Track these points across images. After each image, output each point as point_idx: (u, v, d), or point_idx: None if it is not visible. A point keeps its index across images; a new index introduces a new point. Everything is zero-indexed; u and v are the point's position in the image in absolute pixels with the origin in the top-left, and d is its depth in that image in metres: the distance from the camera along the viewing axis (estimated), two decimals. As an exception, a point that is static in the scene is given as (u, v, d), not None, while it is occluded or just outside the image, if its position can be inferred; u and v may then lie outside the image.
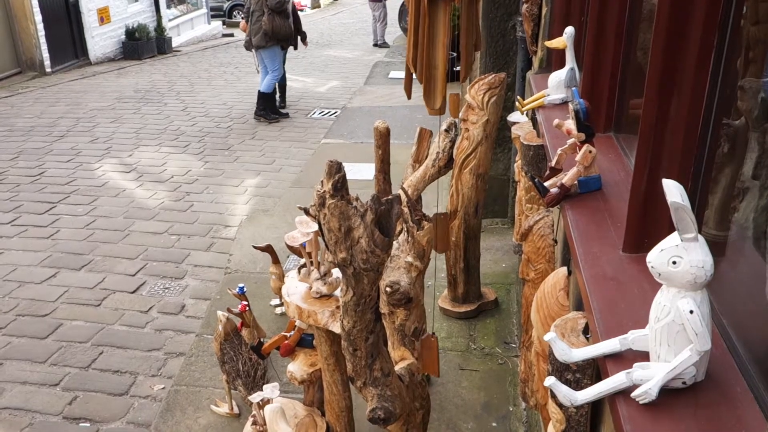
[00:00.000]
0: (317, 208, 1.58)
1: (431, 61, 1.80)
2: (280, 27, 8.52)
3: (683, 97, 1.67)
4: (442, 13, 1.71)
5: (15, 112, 10.03)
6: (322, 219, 1.59)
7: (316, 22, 22.12)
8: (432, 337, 2.20)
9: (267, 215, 6.09)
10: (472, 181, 3.82)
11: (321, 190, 1.58)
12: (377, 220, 1.54)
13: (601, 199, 2.15)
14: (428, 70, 1.82)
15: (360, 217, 1.54)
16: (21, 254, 5.39)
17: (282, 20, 8.55)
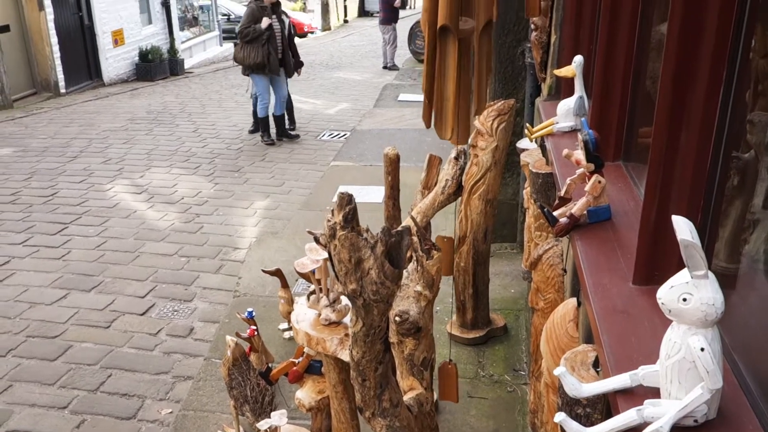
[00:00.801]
0: (327, 239, 1.59)
1: (443, 92, 1.81)
2: (246, 56, 8.55)
3: (692, 129, 1.68)
4: (452, 47, 1.73)
5: (29, 132, 10.15)
6: (332, 250, 1.60)
7: (326, 44, 22.33)
8: (450, 364, 2.20)
9: (276, 238, 6.11)
10: (481, 206, 3.82)
11: (331, 221, 1.59)
12: (387, 252, 1.55)
13: (611, 229, 2.15)
14: (440, 101, 1.84)
15: (370, 249, 1.55)
16: (32, 275, 5.42)
17: (251, 49, 8.52)
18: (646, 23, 2.60)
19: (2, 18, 12.25)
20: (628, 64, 2.67)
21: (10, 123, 10.84)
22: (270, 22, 8.46)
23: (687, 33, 1.63)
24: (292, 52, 8.99)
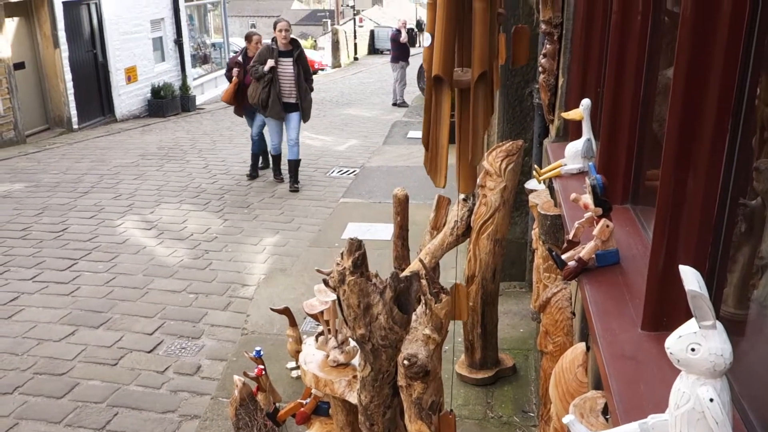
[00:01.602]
0: (337, 284, 1.61)
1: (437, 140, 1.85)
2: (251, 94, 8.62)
3: (699, 177, 1.69)
4: (446, 96, 1.77)
5: (42, 167, 10.27)
6: (341, 295, 1.61)
7: (336, 82, 22.62)
8: (450, 414, 2.19)
9: (285, 275, 6.12)
10: (489, 246, 3.83)
11: (341, 266, 1.61)
12: (396, 298, 1.56)
13: (619, 273, 2.16)
14: (435, 149, 1.87)
15: (379, 294, 1.56)
16: (41, 311, 5.44)
17: (255, 88, 8.51)
18: (653, 67, 2.64)
19: (18, 55, 12.50)
20: (635, 108, 2.70)
21: (23, 158, 10.98)
22: (272, 65, 8.35)
23: (693, 81, 1.66)
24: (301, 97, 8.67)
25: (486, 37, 1.69)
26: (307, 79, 8.71)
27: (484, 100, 1.78)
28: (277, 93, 8.47)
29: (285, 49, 8.46)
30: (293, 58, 8.47)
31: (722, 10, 1.60)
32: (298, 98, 8.56)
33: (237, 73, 9.05)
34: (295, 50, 8.52)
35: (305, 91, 8.66)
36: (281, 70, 8.47)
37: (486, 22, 1.68)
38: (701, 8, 1.62)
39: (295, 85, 8.52)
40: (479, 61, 1.72)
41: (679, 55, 1.66)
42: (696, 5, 1.63)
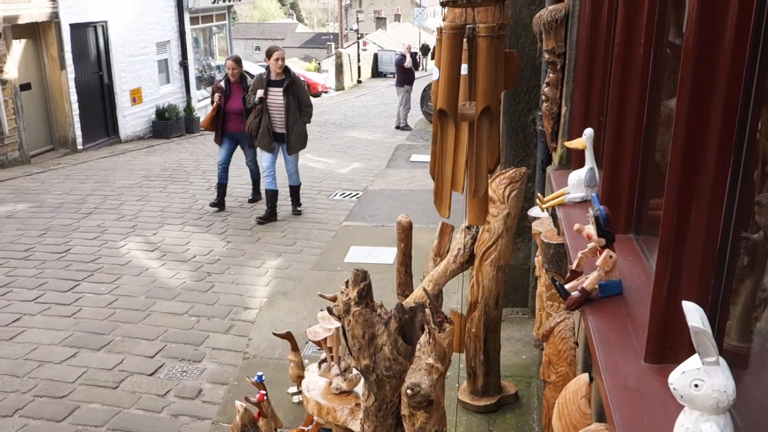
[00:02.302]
0: (342, 314, 1.61)
1: (443, 172, 1.87)
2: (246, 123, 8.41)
3: (701, 210, 1.71)
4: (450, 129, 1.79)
5: (45, 188, 10.31)
6: (346, 325, 1.62)
7: (339, 104, 22.76)
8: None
9: (287, 298, 6.12)
10: (492, 273, 3.83)
11: (346, 296, 1.62)
12: (401, 329, 1.57)
13: (623, 303, 2.16)
14: (440, 180, 1.90)
15: (384, 325, 1.57)
16: (42, 333, 5.44)
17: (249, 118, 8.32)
18: (655, 98, 2.66)
19: (25, 76, 12.62)
20: (638, 138, 2.72)
21: (27, 178, 11.03)
22: (260, 95, 8.07)
23: (694, 116, 1.68)
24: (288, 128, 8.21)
25: (490, 73, 1.72)
26: (302, 110, 8.30)
27: (488, 134, 1.81)
28: (267, 124, 8.20)
29: (277, 79, 8.15)
30: (283, 88, 8.08)
31: (723, 45, 1.63)
32: (286, 129, 8.20)
33: (218, 98, 8.70)
34: (286, 79, 8.13)
35: (295, 122, 8.22)
36: (271, 100, 8.16)
37: (490, 59, 1.71)
38: (703, 44, 1.65)
39: (285, 115, 8.16)
40: (482, 96, 1.74)
41: (680, 91, 1.68)
42: (698, 41, 1.66)
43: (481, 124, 1.77)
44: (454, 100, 1.77)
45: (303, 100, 8.31)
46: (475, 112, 1.76)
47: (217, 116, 8.73)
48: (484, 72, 1.71)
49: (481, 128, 1.77)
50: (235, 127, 8.71)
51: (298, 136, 8.35)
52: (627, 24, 2.68)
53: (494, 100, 1.78)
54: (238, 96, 8.57)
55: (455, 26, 1.70)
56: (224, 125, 8.78)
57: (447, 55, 1.70)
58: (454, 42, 1.70)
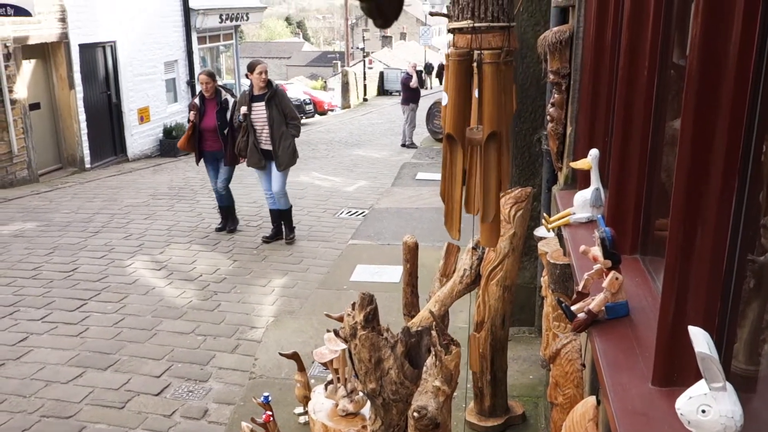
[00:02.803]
0: (348, 338, 1.62)
1: (452, 195, 1.89)
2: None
3: (707, 233, 1.71)
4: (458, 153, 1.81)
5: (53, 207, 10.37)
6: (352, 348, 1.62)
7: (345, 122, 22.86)
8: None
9: (293, 318, 6.12)
10: (498, 292, 3.83)
11: (352, 320, 1.62)
12: (407, 352, 1.57)
13: (629, 325, 2.16)
14: (450, 203, 1.91)
15: (390, 349, 1.57)
16: (49, 352, 5.44)
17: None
18: (660, 118, 2.67)
19: (34, 96, 12.74)
20: (643, 158, 2.73)
21: (36, 197, 11.10)
22: (244, 112, 7.79)
23: (699, 139, 1.68)
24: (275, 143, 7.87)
25: (496, 98, 1.74)
26: (288, 123, 7.91)
27: (496, 159, 1.82)
28: (254, 141, 7.89)
29: (259, 93, 7.85)
30: (264, 101, 7.77)
31: (727, 67, 1.64)
32: (273, 143, 7.85)
33: (193, 116, 8.25)
34: (268, 91, 7.80)
35: (281, 136, 7.84)
36: (254, 115, 7.87)
37: (495, 85, 1.73)
38: (706, 67, 1.66)
39: (268, 128, 7.84)
40: (489, 121, 1.76)
41: (684, 115, 1.69)
42: (701, 64, 1.67)
43: (488, 149, 1.79)
44: (461, 126, 1.79)
45: (288, 113, 7.95)
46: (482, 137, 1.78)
47: (193, 135, 8.29)
48: (489, 98, 1.73)
49: (488, 154, 1.79)
50: (212, 145, 8.30)
51: (287, 150, 7.95)
52: (631, 45, 2.70)
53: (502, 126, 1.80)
54: (213, 112, 8.19)
55: (461, 53, 1.72)
56: (200, 145, 8.35)
57: (453, 81, 1.72)
58: (460, 69, 1.72)
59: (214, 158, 8.47)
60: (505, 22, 1.68)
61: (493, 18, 1.65)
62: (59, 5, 12.99)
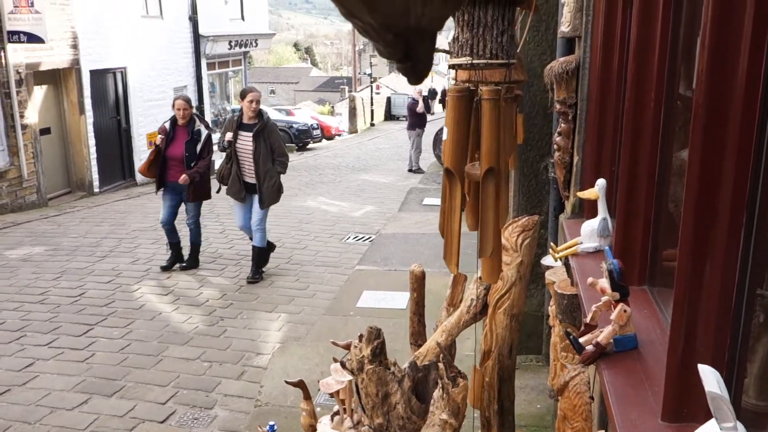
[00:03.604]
0: (356, 372, 1.61)
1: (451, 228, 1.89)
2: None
3: (715, 268, 1.70)
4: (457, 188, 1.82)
5: (62, 231, 10.42)
6: (360, 383, 1.61)
7: (352, 147, 22.97)
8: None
9: (299, 344, 6.10)
10: (506, 321, 3.80)
11: (360, 354, 1.62)
12: (415, 387, 1.57)
13: (638, 359, 2.15)
14: (449, 236, 1.92)
15: (397, 383, 1.56)
16: (55, 378, 5.43)
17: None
18: (667, 148, 2.68)
19: (45, 121, 12.88)
20: (651, 189, 2.73)
21: (44, 221, 11.15)
22: (229, 138, 7.38)
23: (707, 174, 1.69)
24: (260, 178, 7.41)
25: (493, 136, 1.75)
26: (275, 159, 7.46)
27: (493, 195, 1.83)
28: (237, 171, 7.45)
29: (249, 122, 7.42)
30: (252, 132, 7.32)
31: (734, 102, 1.64)
32: (257, 179, 7.42)
33: (159, 140, 7.70)
34: (258, 123, 7.36)
35: (267, 172, 7.37)
36: (240, 145, 7.42)
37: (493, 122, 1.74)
38: (713, 101, 1.67)
39: (253, 163, 7.37)
40: (486, 157, 1.77)
41: (692, 150, 1.69)
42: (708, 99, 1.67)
43: (486, 185, 1.79)
44: (460, 161, 1.80)
45: (276, 148, 7.49)
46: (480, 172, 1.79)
47: (156, 161, 7.72)
48: (488, 134, 1.74)
49: (486, 189, 1.80)
50: (176, 176, 7.67)
51: (271, 188, 7.48)
52: (638, 76, 2.72)
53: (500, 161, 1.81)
54: (183, 141, 7.66)
55: (460, 89, 1.74)
56: (163, 174, 7.76)
57: (453, 117, 1.74)
58: (459, 104, 1.73)
59: (176, 191, 7.83)
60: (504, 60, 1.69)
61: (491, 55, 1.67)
62: (71, 32, 13.18)
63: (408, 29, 0.48)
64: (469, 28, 1.63)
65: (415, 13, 0.47)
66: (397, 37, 0.49)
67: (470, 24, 1.64)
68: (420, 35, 0.49)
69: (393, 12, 0.47)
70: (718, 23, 1.66)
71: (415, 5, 0.47)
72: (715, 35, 1.67)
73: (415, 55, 0.50)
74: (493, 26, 1.63)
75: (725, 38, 1.67)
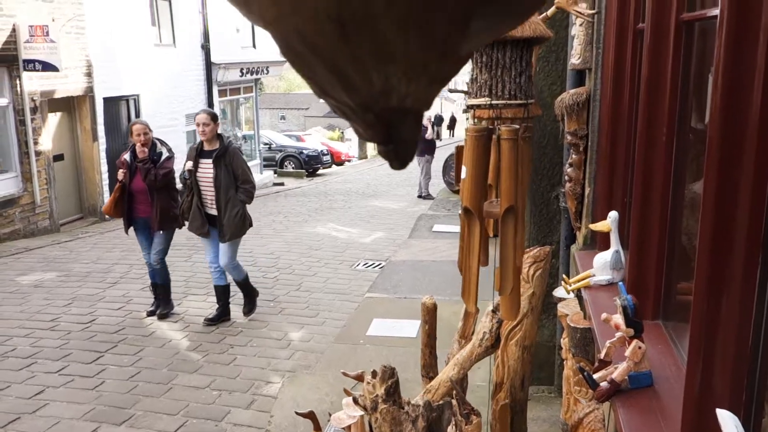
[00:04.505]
0: (369, 411, 1.60)
1: (469, 266, 1.89)
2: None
3: (732, 308, 1.69)
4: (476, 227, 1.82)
5: (73, 257, 10.47)
6: (373, 422, 1.60)
7: (362, 173, 23.05)
8: None
9: (309, 373, 6.07)
10: (518, 353, 3.78)
11: (372, 389, 1.61)
12: (428, 427, 1.55)
13: (653, 396, 2.12)
14: (467, 274, 1.92)
15: (411, 423, 1.55)
16: (65, 406, 5.42)
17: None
18: (679, 181, 2.68)
19: (58, 147, 13.01)
20: (664, 221, 2.72)
21: (56, 247, 11.22)
22: (189, 167, 6.78)
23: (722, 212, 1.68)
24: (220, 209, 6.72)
25: (513, 174, 1.76)
26: (239, 186, 6.76)
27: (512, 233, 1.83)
28: (198, 202, 6.79)
29: (209, 149, 6.77)
30: (212, 159, 6.69)
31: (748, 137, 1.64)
32: (217, 209, 6.72)
33: (122, 175, 6.95)
34: (218, 148, 6.71)
35: (228, 202, 6.69)
36: (200, 174, 6.78)
37: (513, 160, 1.75)
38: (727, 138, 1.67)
39: (214, 190, 6.72)
40: (506, 196, 1.78)
41: (706, 189, 1.69)
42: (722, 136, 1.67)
43: (505, 223, 1.80)
44: (479, 200, 1.81)
45: (239, 174, 6.77)
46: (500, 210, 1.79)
47: (121, 198, 7.02)
48: (506, 173, 1.75)
49: (505, 227, 1.80)
50: (145, 210, 7.04)
51: (233, 218, 6.75)
52: (649, 108, 2.72)
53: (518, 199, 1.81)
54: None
55: (479, 129, 1.76)
56: (130, 210, 7.08)
57: (471, 156, 1.75)
58: (478, 144, 1.75)
59: (147, 226, 7.15)
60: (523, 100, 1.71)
61: (510, 95, 1.68)
62: (86, 60, 13.37)
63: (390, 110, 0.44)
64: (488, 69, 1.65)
65: (399, 92, 0.43)
66: (378, 117, 0.45)
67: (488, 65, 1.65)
68: (404, 115, 0.45)
69: (373, 92, 0.43)
70: (732, 60, 1.67)
71: (399, 84, 0.43)
72: (729, 72, 1.68)
73: (398, 136, 0.47)
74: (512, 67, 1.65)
75: (738, 75, 1.67)
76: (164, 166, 6.97)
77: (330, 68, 0.43)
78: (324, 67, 0.43)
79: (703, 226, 1.70)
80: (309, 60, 0.44)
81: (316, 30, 0.40)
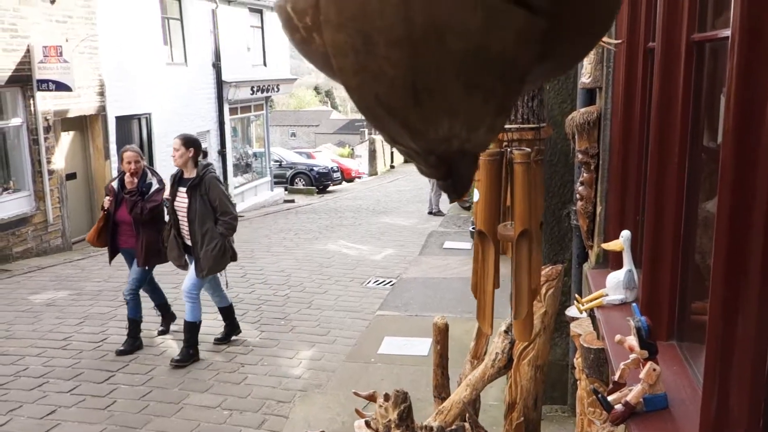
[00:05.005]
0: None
1: (484, 289, 1.89)
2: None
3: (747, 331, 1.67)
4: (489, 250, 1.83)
5: (85, 275, 10.51)
6: (385, 447, 1.59)
7: (372, 189, 23.08)
8: None
9: (321, 392, 6.04)
10: (531, 373, 3.75)
11: (384, 412, 1.60)
12: (441, 452, 1.54)
13: (669, 419, 2.10)
14: (482, 297, 1.91)
15: (424, 448, 1.54)
16: (77, 426, 5.42)
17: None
18: (692, 199, 2.66)
19: (71, 166, 13.12)
20: (677, 240, 2.70)
21: (68, 265, 11.27)
22: (167, 196, 6.49)
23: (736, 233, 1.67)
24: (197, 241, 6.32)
25: (527, 197, 1.76)
26: (217, 219, 6.34)
27: (527, 257, 1.83)
28: (175, 233, 6.48)
29: (187, 176, 6.39)
30: (186, 188, 6.30)
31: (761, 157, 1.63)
32: (193, 241, 6.33)
33: (108, 203, 6.73)
34: (194, 179, 6.30)
35: (206, 233, 6.27)
36: (178, 203, 6.43)
37: (526, 184, 1.75)
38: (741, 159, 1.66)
39: (188, 222, 6.32)
40: (520, 219, 1.78)
41: (719, 212, 1.68)
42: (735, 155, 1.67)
43: (519, 247, 1.80)
44: (492, 223, 1.81)
45: (218, 206, 6.32)
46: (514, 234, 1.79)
47: (105, 228, 6.78)
48: (520, 197, 1.75)
49: (519, 251, 1.80)
50: (128, 241, 6.75)
51: (210, 252, 6.32)
52: (661, 127, 2.71)
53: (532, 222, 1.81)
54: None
55: (492, 153, 1.76)
56: (114, 241, 6.87)
57: (485, 180, 1.76)
58: (491, 168, 1.76)
59: (132, 256, 6.87)
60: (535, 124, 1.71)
61: (523, 120, 1.69)
62: (98, 80, 13.51)
63: (451, 152, 0.50)
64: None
65: (459, 139, 0.48)
66: (440, 159, 0.51)
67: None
68: (462, 155, 0.50)
69: (437, 138, 0.48)
70: (743, 81, 1.66)
71: (460, 132, 0.48)
72: (741, 93, 1.67)
73: (457, 172, 0.51)
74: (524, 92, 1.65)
75: (750, 96, 1.67)
76: (152, 199, 6.63)
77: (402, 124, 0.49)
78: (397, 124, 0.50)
79: (717, 245, 1.68)
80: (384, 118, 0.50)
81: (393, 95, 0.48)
